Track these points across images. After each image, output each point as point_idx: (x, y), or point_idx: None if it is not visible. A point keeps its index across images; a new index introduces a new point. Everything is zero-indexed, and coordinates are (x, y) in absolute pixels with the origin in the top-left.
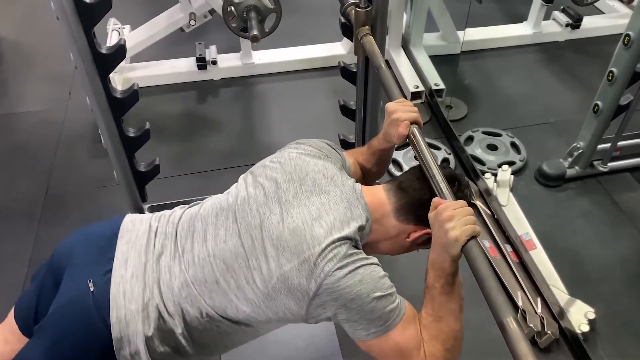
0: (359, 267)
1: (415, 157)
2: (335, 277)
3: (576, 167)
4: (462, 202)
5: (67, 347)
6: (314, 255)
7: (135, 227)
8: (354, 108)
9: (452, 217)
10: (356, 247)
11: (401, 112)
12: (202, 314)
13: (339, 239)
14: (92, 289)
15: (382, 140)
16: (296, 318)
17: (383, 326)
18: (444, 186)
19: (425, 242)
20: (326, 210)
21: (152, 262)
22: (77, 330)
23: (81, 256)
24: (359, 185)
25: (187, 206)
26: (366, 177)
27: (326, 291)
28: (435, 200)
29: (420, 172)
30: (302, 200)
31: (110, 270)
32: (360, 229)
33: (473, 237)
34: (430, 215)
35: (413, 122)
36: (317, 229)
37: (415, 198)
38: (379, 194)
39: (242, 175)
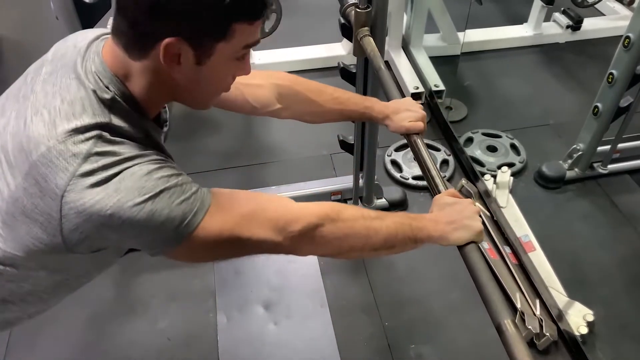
0: (113, 175)
1: (414, 158)
2: (76, 191)
3: (576, 169)
4: None
5: None
6: (36, 164)
7: None
8: None
9: (479, 212)
10: (116, 134)
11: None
12: None
13: (73, 132)
14: None
15: (384, 114)
16: (57, 249)
17: (183, 224)
18: (442, 188)
19: (205, 50)
20: (54, 91)
21: None
22: None
23: None
24: (103, 42)
25: None
26: (290, 113)
27: (71, 212)
28: (452, 191)
29: None
30: (35, 88)
31: None
32: (108, 103)
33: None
34: (446, 197)
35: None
36: (36, 126)
37: (126, 17)
38: (111, 44)
39: None
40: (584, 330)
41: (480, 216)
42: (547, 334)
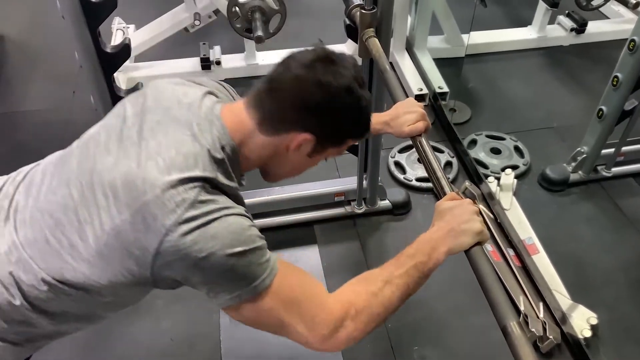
0: (212, 220)
1: (419, 160)
2: (179, 233)
3: (580, 172)
4: None
5: None
6: (148, 204)
7: None
8: None
9: (479, 212)
10: (216, 187)
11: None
12: (38, 281)
13: (184, 181)
14: None
15: (383, 123)
16: (143, 281)
17: (251, 286)
18: (448, 190)
19: (318, 150)
20: (168, 143)
21: None
22: None
23: None
24: (219, 105)
25: (39, 162)
26: None
27: (169, 249)
28: (452, 194)
29: (282, 68)
30: (144, 134)
31: None
32: (218, 162)
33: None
34: (445, 202)
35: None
36: (150, 170)
37: (276, 102)
38: (238, 112)
39: None
40: (588, 333)
41: (481, 214)
42: (551, 336)
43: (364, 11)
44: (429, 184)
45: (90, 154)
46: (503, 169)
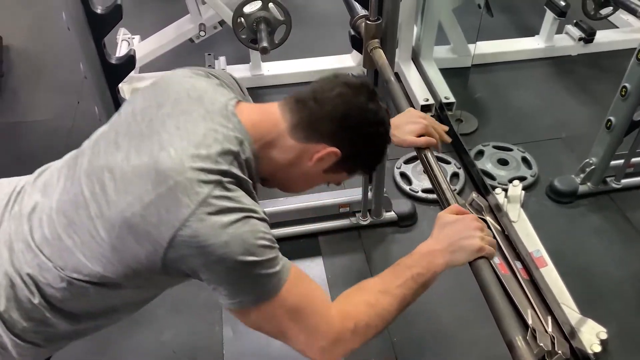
0: (228, 223)
1: (424, 171)
2: (192, 230)
3: (588, 184)
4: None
5: None
6: (162, 196)
7: (2, 187)
8: None
9: (482, 228)
10: (235, 183)
11: (432, 127)
12: (56, 279)
13: (197, 173)
14: None
15: None
16: (156, 273)
17: (253, 296)
18: (453, 202)
19: (334, 169)
20: (180, 135)
21: (8, 222)
22: None
23: None
24: (234, 101)
25: (54, 162)
26: None
27: (182, 244)
28: (456, 206)
29: (328, 84)
30: (155, 128)
31: None
32: (234, 155)
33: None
34: (448, 215)
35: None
36: (164, 161)
37: (317, 110)
38: (271, 112)
39: None
40: (597, 348)
41: (485, 230)
42: (560, 351)
43: (369, 22)
44: (435, 196)
45: (101, 152)
46: (510, 181)
